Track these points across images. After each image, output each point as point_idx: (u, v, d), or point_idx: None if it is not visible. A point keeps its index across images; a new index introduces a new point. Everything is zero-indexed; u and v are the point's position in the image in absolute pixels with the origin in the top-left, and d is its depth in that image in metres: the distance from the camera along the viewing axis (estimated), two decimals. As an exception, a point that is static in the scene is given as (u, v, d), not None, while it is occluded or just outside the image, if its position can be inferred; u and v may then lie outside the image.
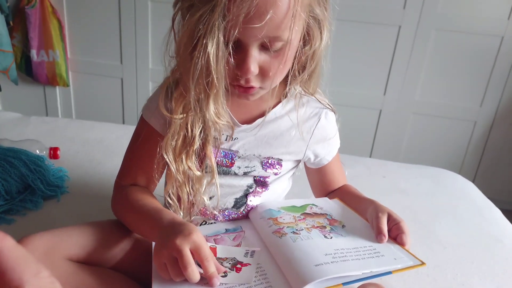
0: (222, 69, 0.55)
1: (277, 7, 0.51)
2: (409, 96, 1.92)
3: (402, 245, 0.61)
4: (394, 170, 1.24)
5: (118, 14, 1.98)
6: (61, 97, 2.21)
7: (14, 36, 2.00)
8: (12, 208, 0.87)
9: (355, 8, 1.80)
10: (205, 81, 0.56)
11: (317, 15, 0.58)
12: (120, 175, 0.72)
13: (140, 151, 0.69)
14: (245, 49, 0.55)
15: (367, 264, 0.55)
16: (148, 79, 2.08)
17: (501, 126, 1.90)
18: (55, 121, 1.39)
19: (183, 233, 0.52)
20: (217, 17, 0.50)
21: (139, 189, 0.68)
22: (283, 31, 0.54)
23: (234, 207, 0.73)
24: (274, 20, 0.52)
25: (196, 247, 0.52)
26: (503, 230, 0.97)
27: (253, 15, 0.51)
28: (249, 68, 0.55)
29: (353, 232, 0.64)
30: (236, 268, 0.57)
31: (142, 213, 0.63)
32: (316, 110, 0.71)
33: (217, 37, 0.52)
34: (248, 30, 0.52)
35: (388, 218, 0.64)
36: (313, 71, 0.64)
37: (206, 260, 0.52)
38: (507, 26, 1.73)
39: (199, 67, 0.54)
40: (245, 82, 0.58)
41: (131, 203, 0.65)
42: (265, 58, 0.57)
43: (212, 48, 0.52)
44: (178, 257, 0.51)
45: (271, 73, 0.58)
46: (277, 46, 0.56)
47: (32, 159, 0.96)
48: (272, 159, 0.71)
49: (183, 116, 0.62)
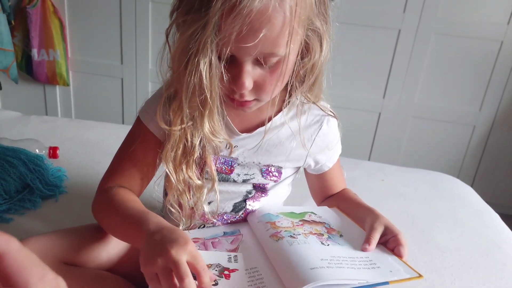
0: (216, 87, 0.54)
1: (271, 25, 0.49)
2: (408, 99, 1.92)
3: (400, 257, 0.60)
4: (392, 174, 1.24)
5: (119, 14, 1.98)
6: (61, 97, 2.20)
7: (15, 35, 2.01)
8: (11, 208, 0.87)
9: (355, 12, 1.80)
10: (198, 98, 0.55)
11: (317, 28, 0.56)
12: (106, 177, 0.68)
13: (135, 154, 0.67)
14: (240, 65, 0.54)
15: (362, 274, 0.55)
16: (148, 79, 2.08)
17: (500, 130, 1.90)
18: (55, 121, 1.39)
19: (179, 243, 0.49)
20: (209, 35, 0.49)
21: (125, 191, 0.64)
22: (279, 47, 0.52)
23: (233, 211, 0.73)
24: (268, 38, 0.50)
25: (193, 258, 0.49)
26: (502, 235, 0.97)
27: (246, 34, 0.49)
28: (243, 83, 0.54)
29: (351, 242, 0.63)
30: (224, 275, 0.56)
31: (127, 216, 0.58)
32: (318, 118, 0.70)
33: (209, 55, 0.50)
34: (241, 49, 0.51)
35: (386, 230, 0.63)
36: (313, 83, 0.63)
37: (204, 271, 0.49)
38: (506, 31, 1.74)
39: (192, 85, 0.53)
40: (239, 96, 0.57)
41: (116, 205, 0.61)
42: (260, 72, 0.55)
43: (205, 66, 0.51)
44: (174, 269, 0.47)
45: (267, 88, 0.56)
46: (272, 62, 0.54)
47: (31, 159, 0.96)
48: (271, 167, 0.71)
49: (182, 128, 0.60)
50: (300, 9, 0.51)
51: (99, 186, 0.68)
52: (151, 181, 0.69)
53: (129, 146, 0.67)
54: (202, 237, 0.68)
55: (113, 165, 0.68)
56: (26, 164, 0.93)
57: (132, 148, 0.66)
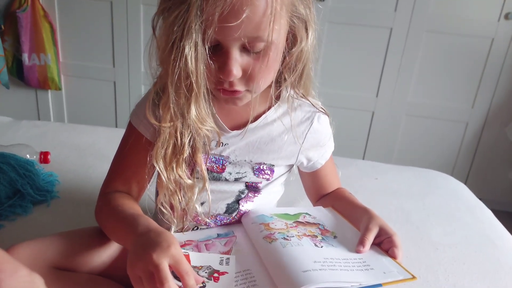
0: (201, 71, 0.54)
1: (253, 6, 0.50)
2: (402, 97, 1.93)
3: (394, 258, 0.60)
4: (386, 172, 1.24)
5: (111, 18, 1.98)
6: (53, 101, 2.19)
7: (6, 40, 1.99)
8: (1, 214, 0.86)
9: (347, 11, 1.81)
10: (184, 84, 0.55)
11: (301, 14, 0.57)
12: (105, 182, 0.69)
13: (128, 157, 0.68)
14: (226, 52, 0.54)
15: (355, 276, 0.55)
16: (140, 82, 2.07)
17: (493, 127, 1.92)
18: (46, 125, 1.38)
19: (161, 246, 0.49)
20: (192, 18, 0.50)
21: (121, 196, 0.66)
22: (263, 31, 0.52)
23: (226, 213, 0.72)
24: (251, 19, 0.51)
25: (175, 262, 0.49)
26: (495, 231, 0.97)
27: (228, 14, 0.50)
28: (231, 70, 0.54)
29: (344, 244, 0.63)
30: (213, 277, 0.56)
31: (120, 219, 0.60)
32: (309, 114, 0.70)
33: (194, 38, 0.51)
34: (224, 30, 0.51)
35: (381, 231, 0.63)
36: (302, 73, 0.63)
37: (187, 275, 0.50)
38: (497, 28, 1.75)
39: (177, 71, 0.53)
40: (229, 85, 0.57)
41: (112, 209, 0.63)
42: (247, 60, 0.55)
43: (190, 50, 0.51)
44: (155, 272, 0.48)
45: (256, 76, 0.56)
46: (258, 47, 0.54)
47: (21, 164, 0.95)
48: (263, 165, 0.70)
49: (172, 124, 0.60)
50: None
51: (100, 192, 0.69)
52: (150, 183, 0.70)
53: (122, 151, 0.69)
54: (196, 239, 0.68)
55: (110, 170, 0.70)
56: (16, 170, 0.92)
57: (125, 152, 0.68)
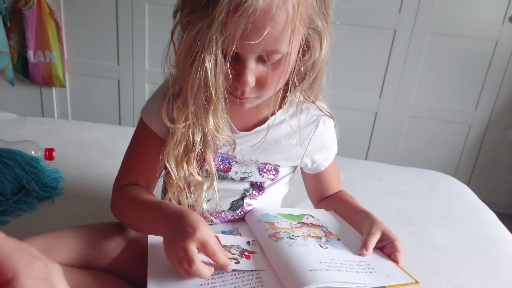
0: (220, 84, 0.55)
1: (274, 23, 0.51)
2: (405, 99, 1.93)
3: (396, 263, 0.61)
4: (389, 173, 1.25)
5: (115, 16, 1.98)
6: (58, 98, 2.20)
7: (11, 37, 2.00)
8: (7, 210, 0.87)
9: (351, 12, 1.81)
10: (203, 95, 0.56)
11: (318, 27, 0.57)
12: (119, 177, 0.71)
13: (140, 153, 0.69)
14: (243, 62, 0.55)
15: (360, 278, 0.55)
16: (144, 80, 2.08)
17: (495, 129, 1.91)
18: (51, 122, 1.39)
19: (187, 232, 0.52)
20: (214, 32, 0.50)
21: (138, 188, 0.68)
22: (282, 45, 0.53)
23: (230, 209, 0.73)
24: (271, 35, 0.51)
25: (201, 245, 0.52)
26: (497, 233, 0.97)
27: (251, 31, 0.50)
28: (246, 80, 0.55)
29: (348, 247, 0.64)
30: (245, 255, 0.59)
31: (144, 208, 0.62)
32: (315, 117, 0.71)
33: (215, 52, 0.52)
34: (245, 46, 0.52)
35: (383, 236, 0.64)
36: (313, 81, 0.64)
37: (214, 255, 0.53)
38: (501, 31, 1.75)
39: (197, 82, 0.54)
40: (241, 93, 0.58)
41: (131, 200, 0.65)
42: (262, 70, 0.56)
43: (210, 63, 0.52)
44: (184, 257, 0.51)
45: (268, 85, 0.57)
46: (275, 59, 0.55)
47: (27, 160, 0.95)
48: (269, 165, 0.71)
49: (185, 125, 0.61)
50: (302, 7, 0.52)
51: (113, 186, 0.71)
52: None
53: (134, 146, 0.70)
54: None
55: (123, 165, 0.71)
56: (21, 166, 0.93)
57: (137, 147, 0.69)
